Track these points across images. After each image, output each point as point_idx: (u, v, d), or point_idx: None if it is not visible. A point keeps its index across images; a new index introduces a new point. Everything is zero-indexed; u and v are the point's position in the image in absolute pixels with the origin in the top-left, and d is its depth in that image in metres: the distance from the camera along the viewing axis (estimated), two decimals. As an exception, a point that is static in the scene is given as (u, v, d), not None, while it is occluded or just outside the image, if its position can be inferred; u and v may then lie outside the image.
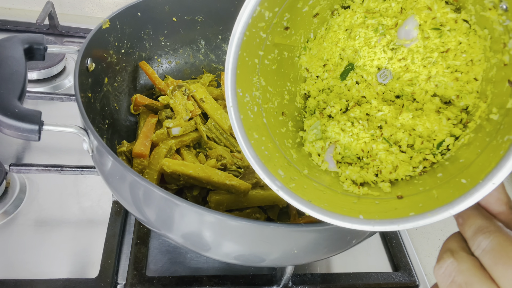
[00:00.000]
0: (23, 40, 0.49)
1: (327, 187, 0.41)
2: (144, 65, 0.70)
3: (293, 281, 0.60)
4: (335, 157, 0.45)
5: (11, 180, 0.65)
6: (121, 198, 0.48)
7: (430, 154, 0.41)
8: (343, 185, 0.42)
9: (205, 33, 0.79)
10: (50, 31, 1.03)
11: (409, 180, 0.41)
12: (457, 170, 0.35)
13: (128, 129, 0.68)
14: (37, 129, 0.40)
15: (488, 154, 0.33)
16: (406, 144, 0.43)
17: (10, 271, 0.55)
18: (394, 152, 0.42)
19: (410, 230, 0.75)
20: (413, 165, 0.41)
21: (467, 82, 0.42)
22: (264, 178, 0.37)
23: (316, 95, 0.52)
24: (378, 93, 0.47)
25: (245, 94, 0.40)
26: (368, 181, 0.43)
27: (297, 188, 0.38)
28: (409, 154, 0.42)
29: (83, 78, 0.53)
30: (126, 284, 0.55)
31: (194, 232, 0.43)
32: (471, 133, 0.38)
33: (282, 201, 0.59)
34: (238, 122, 0.38)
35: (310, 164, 0.45)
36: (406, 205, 0.36)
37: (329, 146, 0.45)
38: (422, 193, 0.36)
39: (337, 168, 0.44)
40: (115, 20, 0.62)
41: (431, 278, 0.67)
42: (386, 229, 0.33)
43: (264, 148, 0.40)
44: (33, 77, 0.87)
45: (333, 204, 0.37)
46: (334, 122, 0.46)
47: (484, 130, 0.36)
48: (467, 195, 0.30)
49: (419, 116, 0.43)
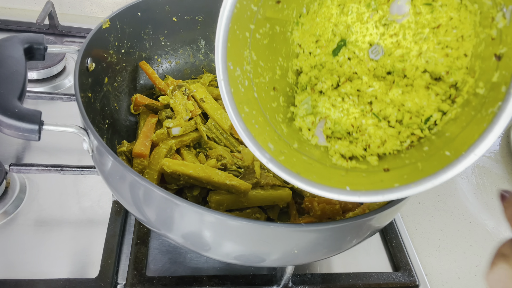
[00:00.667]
0: (23, 40, 0.49)
1: (316, 161, 0.42)
2: (144, 65, 0.70)
3: (293, 281, 0.60)
4: (325, 132, 0.45)
5: (11, 180, 0.65)
6: (121, 198, 0.48)
7: (418, 129, 0.42)
8: (332, 159, 0.43)
9: (205, 33, 0.79)
10: (50, 31, 1.03)
11: (396, 154, 0.42)
12: (442, 144, 0.37)
13: (128, 129, 0.68)
14: (37, 129, 0.40)
15: (472, 127, 0.34)
16: (395, 119, 0.43)
17: (10, 271, 0.55)
18: (383, 127, 0.43)
19: (410, 230, 0.75)
20: (401, 139, 0.42)
21: (457, 58, 0.42)
22: (254, 151, 0.38)
23: (308, 71, 0.51)
24: (369, 69, 0.47)
25: (236, 68, 0.40)
26: (356, 155, 0.43)
27: (286, 161, 0.38)
28: (398, 129, 0.43)
29: (83, 78, 0.53)
30: (126, 284, 0.55)
31: (194, 232, 0.43)
32: (458, 108, 0.39)
33: (282, 201, 0.60)
34: (228, 95, 0.39)
35: (300, 138, 0.46)
36: (392, 177, 0.37)
37: (320, 121, 0.45)
38: (408, 166, 0.37)
39: (327, 142, 0.45)
40: (115, 20, 0.62)
41: (431, 278, 0.67)
42: (372, 200, 0.34)
43: (254, 122, 0.40)
44: (33, 77, 0.87)
45: (321, 176, 0.38)
46: (325, 98, 0.46)
47: (470, 104, 0.37)
48: (449, 166, 0.32)
49: (408, 92, 0.43)
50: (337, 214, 0.59)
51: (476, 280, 0.69)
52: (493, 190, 0.87)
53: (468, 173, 0.90)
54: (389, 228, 0.71)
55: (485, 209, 0.82)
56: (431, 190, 0.84)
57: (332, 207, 0.59)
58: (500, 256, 0.31)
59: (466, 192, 0.85)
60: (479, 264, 0.71)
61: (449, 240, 0.75)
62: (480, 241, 0.76)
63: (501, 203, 0.33)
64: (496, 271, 0.30)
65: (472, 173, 0.91)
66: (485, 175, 0.91)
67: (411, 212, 0.79)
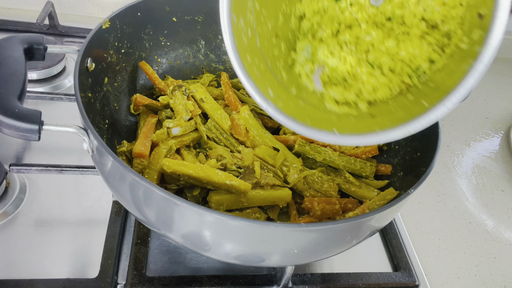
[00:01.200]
0: (23, 40, 0.49)
1: (312, 106, 0.45)
2: (144, 65, 0.70)
3: (293, 281, 0.60)
4: (322, 78, 0.48)
5: (11, 180, 0.65)
6: (121, 198, 0.48)
7: (408, 77, 0.44)
8: (327, 104, 0.46)
9: (205, 33, 0.79)
10: (50, 31, 1.03)
11: (385, 101, 0.45)
12: (424, 94, 0.40)
13: (128, 129, 0.68)
14: (37, 129, 0.40)
15: (450, 80, 0.36)
16: (388, 67, 0.45)
17: (10, 271, 0.55)
18: (376, 75, 0.45)
19: (410, 230, 0.75)
20: (391, 87, 0.45)
21: (453, 7, 0.43)
22: (255, 97, 0.42)
23: (311, 16, 0.52)
24: (369, 16, 0.48)
25: (239, 19, 0.42)
26: (349, 101, 0.46)
27: (284, 106, 0.42)
28: (389, 78, 0.45)
29: (83, 78, 0.53)
30: (126, 284, 0.55)
31: (194, 232, 0.43)
32: (445, 59, 0.41)
33: (282, 201, 0.60)
34: (232, 46, 0.41)
35: (298, 84, 0.48)
36: (376, 123, 0.40)
37: (318, 68, 0.48)
38: (392, 113, 0.41)
39: (323, 88, 0.47)
40: (115, 20, 0.62)
41: (431, 278, 0.67)
42: (350, 142, 0.39)
43: (256, 70, 0.43)
44: (33, 77, 0.87)
45: (314, 120, 0.42)
46: (324, 46, 0.48)
47: (454, 58, 0.40)
48: (424, 115, 0.35)
49: (404, 40, 0.45)
50: (337, 214, 0.59)
51: (476, 280, 0.69)
52: (493, 190, 0.87)
53: (468, 173, 0.90)
54: (389, 228, 0.71)
55: (485, 209, 0.82)
56: (431, 190, 0.84)
57: (332, 207, 0.59)
58: None
59: (466, 192, 0.86)
60: (479, 264, 0.71)
61: (449, 240, 0.75)
62: (480, 241, 0.76)
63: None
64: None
65: (472, 173, 0.91)
66: (485, 175, 0.91)
67: (411, 212, 0.79)
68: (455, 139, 0.99)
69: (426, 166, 0.50)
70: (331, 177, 0.65)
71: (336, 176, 0.66)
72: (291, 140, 0.68)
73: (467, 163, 0.93)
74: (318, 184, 0.63)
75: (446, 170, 0.90)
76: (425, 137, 0.58)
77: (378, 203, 0.59)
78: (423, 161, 0.56)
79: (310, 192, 0.62)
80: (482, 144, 1.00)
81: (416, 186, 0.46)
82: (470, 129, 1.04)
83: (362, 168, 0.66)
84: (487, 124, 1.07)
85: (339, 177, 0.66)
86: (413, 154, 0.61)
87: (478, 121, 1.07)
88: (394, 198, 0.59)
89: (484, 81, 1.24)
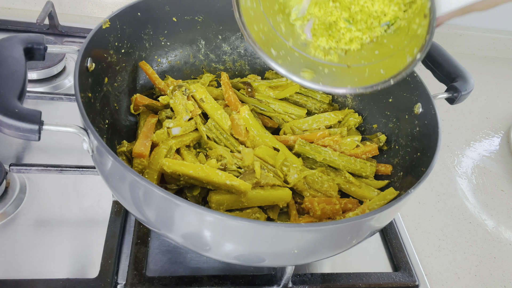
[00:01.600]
0: (23, 40, 0.49)
1: (304, 55, 0.55)
2: (144, 65, 0.70)
3: (293, 281, 0.60)
4: (312, 31, 0.56)
5: (11, 180, 0.65)
6: (121, 198, 0.48)
7: (376, 28, 0.53)
8: (315, 52, 0.55)
9: (205, 33, 0.79)
10: (50, 31, 1.03)
11: (357, 52, 0.55)
12: (384, 55, 0.51)
13: (128, 129, 0.68)
14: (37, 129, 0.40)
15: (404, 52, 0.46)
16: (362, 21, 0.54)
17: (10, 271, 0.55)
18: (352, 30, 0.55)
19: (410, 230, 0.75)
20: (361, 38, 0.54)
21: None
22: (263, 57, 0.52)
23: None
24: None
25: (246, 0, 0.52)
26: (331, 48, 0.55)
27: (283, 61, 0.53)
28: (362, 32, 0.54)
29: (83, 78, 0.53)
30: (126, 284, 0.55)
31: (194, 232, 0.43)
32: (404, 21, 0.50)
33: (282, 201, 0.60)
34: (244, 27, 0.51)
35: (293, 35, 0.57)
36: (351, 75, 0.52)
37: (308, 21, 0.57)
38: (362, 67, 0.52)
39: (312, 38, 0.57)
40: (115, 20, 0.62)
41: (431, 278, 0.67)
42: (330, 91, 0.52)
43: (262, 34, 0.53)
44: (33, 77, 0.87)
45: (305, 71, 0.53)
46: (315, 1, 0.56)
47: (411, 25, 0.48)
48: (379, 83, 0.47)
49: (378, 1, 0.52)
50: (337, 214, 0.59)
51: (476, 280, 0.69)
52: (493, 190, 0.87)
53: (468, 173, 0.90)
54: (389, 228, 0.71)
55: (485, 209, 0.82)
56: (431, 190, 0.84)
57: (332, 207, 0.59)
58: None
59: (466, 192, 0.86)
60: (479, 264, 0.71)
61: (449, 240, 0.75)
62: (480, 241, 0.76)
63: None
64: None
65: (472, 173, 0.91)
66: (485, 175, 0.91)
67: (411, 212, 0.79)
68: (455, 139, 0.99)
69: (426, 166, 0.50)
70: (331, 177, 0.65)
71: (336, 176, 0.66)
72: (291, 140, 0.69)
73: (467, 163, 0.93)
74: (318, 184, 0.63)
75: (446, 170, 0.90)
76: (425, 137, 0.58)
77: (378, 203, 0.59)
78: (423, 161, 0.56)
79: (310, 192, 0.62)
80: (482, 144, 1.00)
81: (416, 186, 0.46)
82: (470, 129, 1.04)
83: (362, 168, 0.66)
84: (487, 124, 1.07)
85: (339, 177, 0.66)
86: (413, 154, 0.62)
87: (478, 121, 1.07)
88: (394, 198, 0.59)
89: (484, 81, 1.24)
